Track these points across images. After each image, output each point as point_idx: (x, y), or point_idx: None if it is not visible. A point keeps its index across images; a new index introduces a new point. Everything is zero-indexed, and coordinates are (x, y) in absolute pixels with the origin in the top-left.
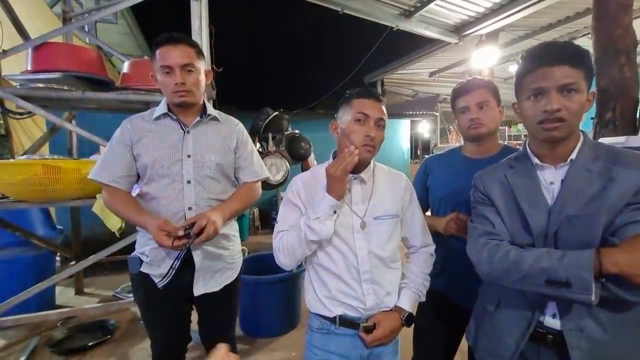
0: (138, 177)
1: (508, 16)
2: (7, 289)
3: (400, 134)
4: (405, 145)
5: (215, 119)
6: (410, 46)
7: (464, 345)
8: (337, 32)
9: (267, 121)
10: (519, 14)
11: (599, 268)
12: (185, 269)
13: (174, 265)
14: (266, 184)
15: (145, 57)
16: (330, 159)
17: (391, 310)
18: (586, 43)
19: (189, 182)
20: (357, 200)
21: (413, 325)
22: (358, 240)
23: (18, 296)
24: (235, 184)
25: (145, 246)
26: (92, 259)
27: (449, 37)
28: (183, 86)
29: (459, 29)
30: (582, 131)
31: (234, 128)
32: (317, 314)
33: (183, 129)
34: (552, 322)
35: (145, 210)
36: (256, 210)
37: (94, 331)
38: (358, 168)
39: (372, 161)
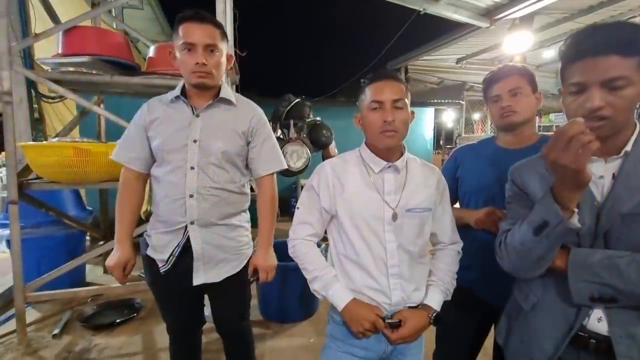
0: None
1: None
2: (42, 265)
3: (424, 122)
4: (428, 134)
5: (229, 102)
6: (436, 31)
7: (487, 342)
8: (361, 17)
9: (288, 108)
10: None
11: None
12: (187, 257)
13: (174, 253)
14: (287, 171)
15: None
16: (363, 146)
17: (418, 307)
18: None
19: (192, 168)
20: (389, 190)
21: None
22: (388, 232)
23: (52, 272)
24: (245, 173)
25: (152, 230)
26: None
27: (480, 21)
28: (204, 67)
29: (490, 12)
30: (638, 120)
31: (251, 113)
32: None
33: (193, 112)
34: (596, 326)
35: (128, 235)
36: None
37: (121, 308)
38: (391, 156)
39: (405, 150)
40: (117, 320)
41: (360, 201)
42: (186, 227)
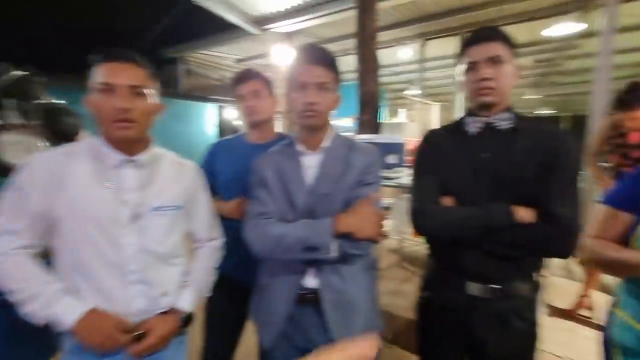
0: None
1: (301, 21)
2: None
3: (204, 118)
4: (210, 130)
5: None
6: (213, 27)
7: None
8: None
9: (8, 84)
10: (309, 21)
11: (334, 230)
12: None
13: None
14: (6, 169)
15: None
16: (97, 136)
17: (168, 312)
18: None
19: None
20: (131, 188)
21: (204, 310)
22: (128, 235)
23: None
24: None
25: None
26: None
27: (251, 27)
28: None
29: (261, 22)
30: (331, 125)
31: None
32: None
33: None
34: (312, 282)
35: None
36: None
37: None
38: (132, 150)
39: (153, 146)
40: None
41: (87, 201)
42: None
